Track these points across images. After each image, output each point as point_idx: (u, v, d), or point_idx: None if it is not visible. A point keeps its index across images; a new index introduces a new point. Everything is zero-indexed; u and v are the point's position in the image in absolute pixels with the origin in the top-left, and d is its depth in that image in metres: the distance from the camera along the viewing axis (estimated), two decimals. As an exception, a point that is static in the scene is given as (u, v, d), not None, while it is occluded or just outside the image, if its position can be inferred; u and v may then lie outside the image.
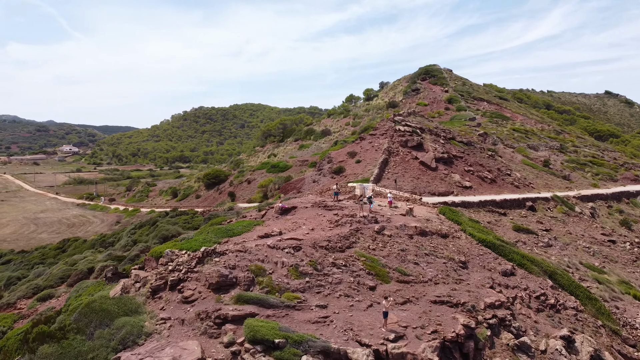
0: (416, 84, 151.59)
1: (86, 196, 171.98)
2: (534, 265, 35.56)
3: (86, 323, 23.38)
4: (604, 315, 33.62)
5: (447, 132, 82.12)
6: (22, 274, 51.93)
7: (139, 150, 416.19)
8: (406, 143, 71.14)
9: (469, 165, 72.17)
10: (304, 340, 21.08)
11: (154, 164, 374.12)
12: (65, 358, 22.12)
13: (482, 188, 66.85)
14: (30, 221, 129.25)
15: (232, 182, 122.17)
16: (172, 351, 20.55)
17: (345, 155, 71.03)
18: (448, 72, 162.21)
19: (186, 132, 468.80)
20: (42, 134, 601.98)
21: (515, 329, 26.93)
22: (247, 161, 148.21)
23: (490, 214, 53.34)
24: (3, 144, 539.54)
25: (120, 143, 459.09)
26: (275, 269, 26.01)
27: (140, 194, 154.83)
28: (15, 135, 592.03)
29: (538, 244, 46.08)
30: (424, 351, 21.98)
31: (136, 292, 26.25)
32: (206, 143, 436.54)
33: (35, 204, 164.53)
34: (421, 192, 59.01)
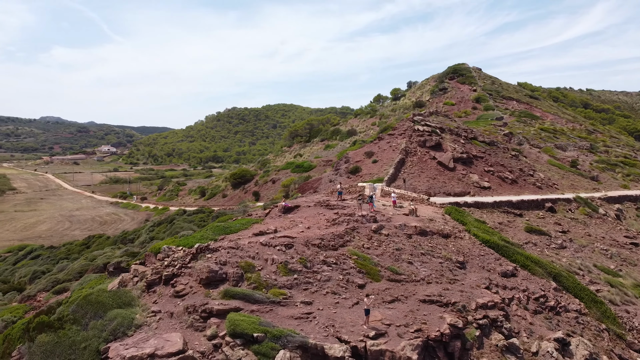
0: (444, 83, 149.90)
1: (120, 195, 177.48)
2: (537, 267, 34.99)
3: (82, 314, 24.54)
4: (609, 319, 32.82)
5: (468, 132, 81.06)
6: (47, 268, 54.37)
7: (173, 151, 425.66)
8: (424, 143, 70.66)
9: (490, 166, 71.15)
10: (282, 335, 21.59)
11: (188, 163, 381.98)
12: (60, 347, 23.31)
13: (501, 189, 65.83)
14: (65, 218, 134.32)
15: (258, 181, 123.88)
16: (155, 342, 21.40)
17: (363, 155, 71.15)
18: (477, 71, 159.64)
19: (219, 133, 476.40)
20: (83, 135, 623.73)
21: (507, 330, 26.68)
22: (273, 161, 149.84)
23: (505, 214, 52.54)
24: (47, 144, 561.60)
25: (156, 143, 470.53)
26: (265, 266, 26.62)
27: (170, 193, 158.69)
28: (58, 136, 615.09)
29: (550, 246, 45.17)
30: (403, 349, 22.13)
31: (133, 286, 27.32)
32: (239, 143, 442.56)
33: (72, 202, 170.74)
34: (436, 193, 58.67)
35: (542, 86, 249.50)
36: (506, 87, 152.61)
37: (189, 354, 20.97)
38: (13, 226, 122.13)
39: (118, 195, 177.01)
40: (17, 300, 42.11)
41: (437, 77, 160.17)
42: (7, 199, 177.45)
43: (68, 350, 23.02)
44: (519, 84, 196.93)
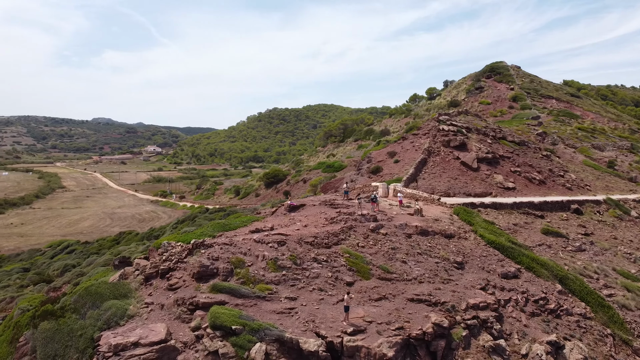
0: (480, 82, 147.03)
1: (160, 193, 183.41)
2: (543, 269, 34.29)
3: (82, 304, 26.06)
4: (615, 324, 31.86)
5: (497, 132, 79.49)
6: (77, 262, 57.31)
7: (215, 151, 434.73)
8: (449, 143, 69.88)
9: (517, 166, 69.67)
10: (261, 328, 22.31)
11: (229, 163, 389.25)
12: (60, 334, 24.88)
13: (527, 190, 64.40)
14: (107, 215, 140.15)
15: (289, 181, 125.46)
16: (141, 332, 22.58)
17: (385, 155, 71.07)
18: (515, 69, 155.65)
19: (260, 133, 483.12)
20: (131, 135, 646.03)
21: (497, 331, 26.43)
22: (307, 161, 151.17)
23: (525, 216, 51.44)
24: (97, 145, 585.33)
25: (199, 144, 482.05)
26: (255, 262, 27.43)
27: (207, 192, 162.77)
28: (108, 137, 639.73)
29: (566, 248, 43.97)
30: (379, 346, 22.41)
31: (134, 279, 28.73)
32: (279, 143, 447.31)
33: (115, 200, 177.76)
34: (455, 193, 58.05)
35: (590, 84, 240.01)
36: (546, 85, 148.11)
37: (170, 344, 22.02)
38: (58, 222, 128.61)
39: (158, 194, 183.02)
40: (45, 291, 44.68)
41: (473, 76, 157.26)
42: (57, 197, 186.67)
43: (66, 337, 24.55)
44: (564, 82, 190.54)
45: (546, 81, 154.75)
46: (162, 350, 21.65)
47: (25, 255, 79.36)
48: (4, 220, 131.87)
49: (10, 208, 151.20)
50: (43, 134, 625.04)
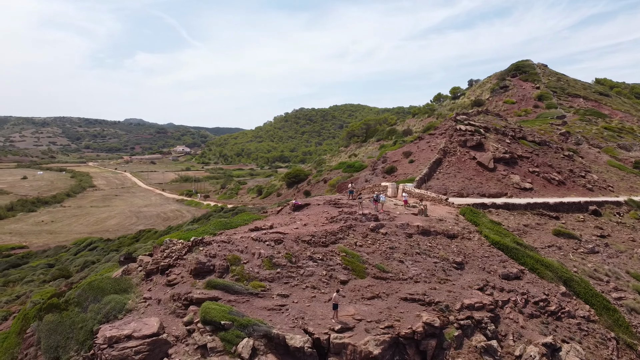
0: (505, 81, 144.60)
1: (185, 193, 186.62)
2: (547, 271, 33.82)
3: (84, 298, 27.11)
4: (620, 328, 31.20)
5: (517, 131, 78.25)
6: (97, 258, 59.15)
7: (242, 151, 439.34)
8: (465, 143, 69.23)
9: (535, 166, 68.54)
10: (250, 324, 22.84)
11: (255, 163, 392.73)
12: (62, 326, 25.99)
13: (545, 190, 63.34)
14: (133, 214, 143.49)
15: (310, 181, 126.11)
16: (135, 325, 23.39)
17: (401, 155, 70.87)
18: (542, 68, 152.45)
19: (287, 133, 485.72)
20: (161, 136, 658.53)
21: (491, 332, 26.29)
22: (329, 161, 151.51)
23: (538, 217, 50.63)
24: (129, 145, 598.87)
25: (227, 144, 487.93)
26: (251, 259, 27.99)
27: (231, 191, 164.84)
28: (139, 137, 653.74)
29: (578, 250, 43.13)
30: (366, 343, 22.65)
31: (136, 274, 29.66)
32: (305, 143, 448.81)
33: (143, 199, 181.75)
34: (469, 193, 57.55)
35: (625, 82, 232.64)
36: (573, 84, 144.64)
37: (162, 337, 22.77)
38: (86, 220, 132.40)
39: (184, 193, 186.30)
40: (62, 285, 46.32)
41: (499, 75, 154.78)
42: (87, 195, 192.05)
43: (68, 329, 25.64)
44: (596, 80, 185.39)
45: (574, 80, 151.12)
46: (154, 344, 22.40)
47: (51, 251, 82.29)
48: (35, 217, 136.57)
49: (42, 206, 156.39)
50: (77, 135, 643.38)
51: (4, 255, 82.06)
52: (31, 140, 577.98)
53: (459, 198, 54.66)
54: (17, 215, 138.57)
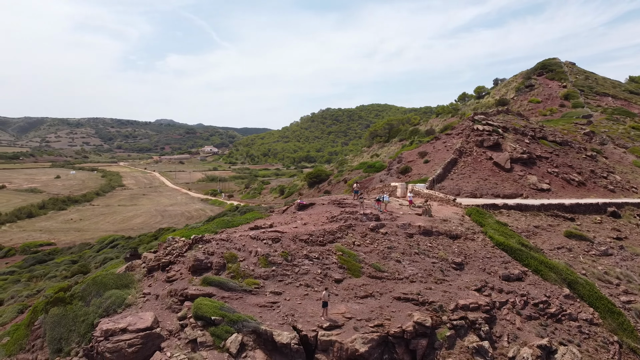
0: (530, 79, 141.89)
1: (210, 192, 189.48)
2: (551, 272, 33.35)
3: (88, 292, 28.18)
4: (625, 332, 30.57)
5: (537, 131, 76.93)
6: (117, 255, 60.91)
7: (269, 151, 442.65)
8: (482, 143, 68.48)
9: (554, 167, 67.34)
10: (240, 320, 23.40)
11: (281, 163, 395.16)
12: (65, 319, 27.10)
13: (563, 191, 62.20)
14: (159, 213, 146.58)
15: (331, 181, 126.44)
16: (130, 319, 24.23)
17: (416, 155, 70.56)
18: (569, 66, 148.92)
19: (313, 133, 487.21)
20: (190, 136, 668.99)
21: (485, 333, 26.18)
22: (351, 161, 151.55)
23: (552, 218, 49.76)
24: (159, 145, 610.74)
25: (254, 144, 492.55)
26: (248, 257, 28.56)
27: (254, 191, 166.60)
28: (169, 137, 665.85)
29: (589, 252, 42.28)
30: (352, 341, 22.93)
31: (139, 271, 30.61)
32: (331, 144, 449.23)
33: (169, 198, 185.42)
34: (482, 194, 56.98)
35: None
36: (602, 82, 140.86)
37: (155, 331, 23.53)
38: (113, 219, 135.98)
39: (209, 193, 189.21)
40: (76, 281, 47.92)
41: (524, 74, 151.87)
42: (115, 195, 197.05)
43: (71, 322, 26.73)
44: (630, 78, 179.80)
45: (602, 78, 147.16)
46: (147, 337, 23.18)
47: (75, 248, 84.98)
48: (65, 215, 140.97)
49: (72, 205, 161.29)
50: (109, 135, 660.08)
51: (32, 252, 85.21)
52: (66, 141, 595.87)
53: (472, 199, 54.21)
54: (48, 213, 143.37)
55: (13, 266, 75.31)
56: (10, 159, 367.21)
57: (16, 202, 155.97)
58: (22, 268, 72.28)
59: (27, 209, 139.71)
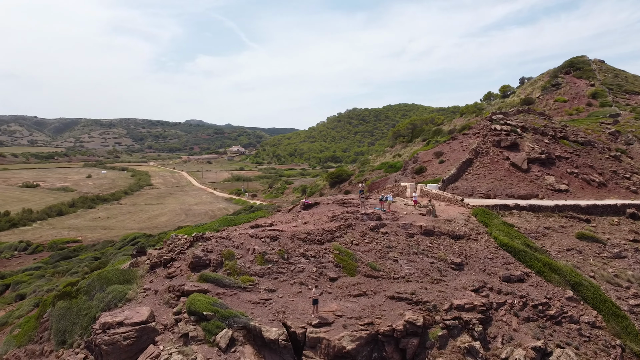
0: (557, 78, 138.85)
1: (235, 192, 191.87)
2: (555, 274, 32.90)
3: (93, 287, 29.27)
4: (629, 336, 29.97)
5: (557, 131, 75.42)
6: (135, 252, 62.52)
7: (295, 151, 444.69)
8: (499, 143, 67.67)
9: (574, 167, 66.04)
10: (231, 315, 24.00)
11: (307, 163, 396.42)
12: (70, 312, 28.25)
13: (582, 192, 60.97)
14: (183, 212, 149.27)
15: (352, 181, 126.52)
16: (127, 313, 25.13)
17: (432, 156, 70.17)
18: (598, 64, 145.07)
19: (339, 133, 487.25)
20: (219, 136, 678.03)
21: (478, 333, 26.09)
22: (373, 161, 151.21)
23: (566, 219, 48.88)
24: (188, 145, 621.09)
25: (280, 144, 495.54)
26: (245, 255, 29.16)
27: (277, 190, 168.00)
28: (198, 137, 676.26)
29: (601, 254, 41.42)
30: (340, 339, 23.23)
31: (143, 267, 31.57)
32: (358, 144, 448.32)
33: (194, 197, 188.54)
34: (496, 195, 56.35)
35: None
36: (632, 80, 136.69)
37: (150, 325, 24.35)
38: (139, 217, 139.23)
39: (234, 192, 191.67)
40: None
41: (551, 72, 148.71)
42: (143, 194, 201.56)
43: (75, 315, 27.85)
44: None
45: (633, 76, 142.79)
46: (142, 330, 24.01)
47: (99, 245, 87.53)
48: (93, 214, 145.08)
49: (101, 203, 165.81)
50: (140, 135, 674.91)
51: (58, 248, 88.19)
52: (99, 141, 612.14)
53: (484, 199, 53.71)
54: (78, 211, 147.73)
55: (40, 262, 78.12)
56: (45, 159, 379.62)
57: (48, 201, 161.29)
58: (48, 264, 74.90)
59: (58, 207, 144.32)
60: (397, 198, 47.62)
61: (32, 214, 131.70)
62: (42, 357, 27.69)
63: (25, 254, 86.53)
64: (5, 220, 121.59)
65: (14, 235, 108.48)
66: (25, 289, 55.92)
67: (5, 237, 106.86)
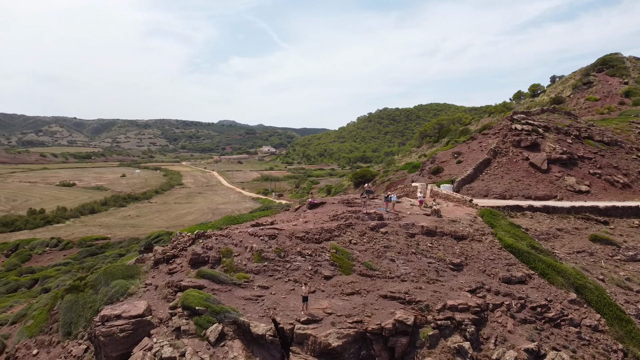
0: (589, 76, 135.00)
1: (262, 191, 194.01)
2: (559, 276, 32.35)
3: (99, 282, 30.52)
4: (633, 340, 29.26)
5: (582, 131, 73.56)
6: (156, 250, 64.40)
7: (325, 151, 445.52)
8: (519, 143, 66.60)
9: (598, 168, 64.42)
10: (222, 311, 24.72)
11: (337, 163, 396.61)
12: (76, 305, 29.57)
13: (604, 193, 59.44)
14: (210, 210, 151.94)
15: (375, 181, 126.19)
16: (126, 307, 26.16)
17: (450, 156, 69.58)
18: (633, 61, 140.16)
19: (369, 134, 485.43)
20: (250, 136, 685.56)
21: (470, 334, 26.03)
22: (399, 161, 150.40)
23: (582, 221, 47.85)
24: (220, 145, 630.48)
25: (310, 144, 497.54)
26: (243, 252, 29.87)
27: (303, 190, 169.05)
28: (230, 138, 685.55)
29: (614, 257, 40.41)
30: (327, 336, 23.62)
31: (148, 263, 32.67)
32: (388, 144, 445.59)
33: (222, 196, 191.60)
34: (512, 196, 55.55)
35: None
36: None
37: (146, 318, 25.30)
38: (167, 216, 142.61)
39: (261, 192, 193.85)
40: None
41: (583, 70, 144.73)
42: (173, 193, 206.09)
43: (80, 308, 29.15)
44: None
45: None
46: (138, 324, 24.99)
47: (125, 243, 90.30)
48: (124, 212, 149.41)
49: (132, 202, 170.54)
50: (174, 136, 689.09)
51: (87, 245, 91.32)
52: (134, 141, 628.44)
53: (499, 200, 53.05)
54: (109, 209, 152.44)
55: (69, 258, 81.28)
56: (83, 159, 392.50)
57: (82, 199, 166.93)
58: (75, 260, 77.84)
59: (90, 205, 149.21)
60: (403, 198, 47.62)
61: (66, 212, 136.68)
62: (50, 347, 29.10)
63: (56, 250, 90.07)
64: (41, 217, 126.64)
65: (48, 232, 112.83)
66: (51, 283, 58.38)
67: (40, 234, 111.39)
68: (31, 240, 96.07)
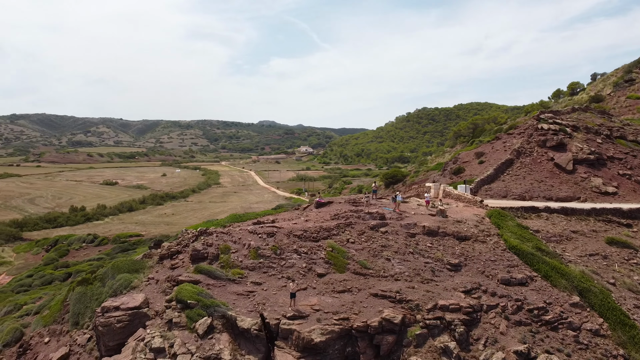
0: (631, 73, 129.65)
1: (295, 191, 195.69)
2: (562, 279, 31.68)
3: (107, 275, 32.13)
4: (636, 346, 28.38)
5: (614, 130, 71.00)
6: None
7: (362, 151, 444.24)
8: (545, 143, 64.96)
9: (628, 169, 62.18)
10: (212, 305, 25.66)
11: (374, 164, 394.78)
12: (84, 297, 31.22)
13: (633, 195, 57.38)
14: (243, 209, 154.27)
15: (406, 181, 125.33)
16: (125, 299, 27.53)
17: (472, 156, 68.57)
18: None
19: (408, 133, 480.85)
20: (289, 137, 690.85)
21: (459, 334, 25.99)
22: (432, 161, 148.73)
23: (602, 223, 46.41)
24: (259, 145, 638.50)
25: (348, 144, 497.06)
26: (241, 249, 30.75)
27: (335, 190, 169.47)
28: (269, 138, 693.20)
29: (629, 260, 39.03)
30: (310, 332, 24.17)
31: (154, 258, 34.06)
32: (426, 144, 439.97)
33: (257, 196, 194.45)
34: (532, 197, 54.32)
35: None
36: None
37: (142, 311, 26.56)
38: (201, 214, 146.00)
39: (294, 192, 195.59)
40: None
41: (626, 67, 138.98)
42: (210, 192, 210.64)
43: (88, 300, 30.79)
44: None
45: None
46: (134, 315, 26.28)
47: (156, 240, 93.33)
48: (160, 210, 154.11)
49: (169, 200, 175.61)
50: (215, 136, 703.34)
51: (121, 241, 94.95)
52: (177, 142, 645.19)
53: (519, 201, 51.98)
54: (147, 207, 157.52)
55: (103, 253, 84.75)
56: (127, 158, 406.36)
57: (123, 197, 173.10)
58: (108, 255, 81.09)
59: (129, 203, 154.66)
60: (413, 198, 47.50)
61: (105, 209, 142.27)
62: (60, 335, 30.84)
63: (91, 246, 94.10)
64: (82, 214, 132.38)
65: (87, 229, 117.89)
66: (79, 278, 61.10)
67: (79, 230, 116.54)
68: (70, 236, 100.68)
